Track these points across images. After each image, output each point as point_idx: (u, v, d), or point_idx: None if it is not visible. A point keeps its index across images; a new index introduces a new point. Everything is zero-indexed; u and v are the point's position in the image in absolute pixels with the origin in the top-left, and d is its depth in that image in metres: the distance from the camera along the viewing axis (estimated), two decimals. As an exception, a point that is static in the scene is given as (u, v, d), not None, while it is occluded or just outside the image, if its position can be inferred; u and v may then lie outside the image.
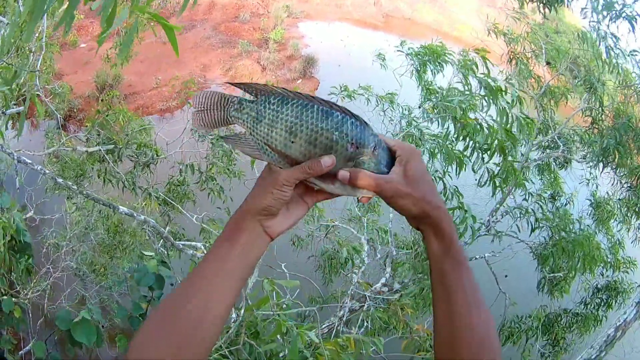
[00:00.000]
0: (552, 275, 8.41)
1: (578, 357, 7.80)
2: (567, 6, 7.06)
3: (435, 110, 6.75)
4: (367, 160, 1.40)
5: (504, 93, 6.22)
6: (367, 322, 5.77)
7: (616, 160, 8.27)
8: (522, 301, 9.00)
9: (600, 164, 8.57)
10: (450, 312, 1.42)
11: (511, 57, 9.34)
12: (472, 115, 6.32)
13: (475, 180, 6.64)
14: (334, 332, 5.68)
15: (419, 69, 7.22)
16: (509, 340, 8.47)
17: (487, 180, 6.53)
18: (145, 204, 9.57)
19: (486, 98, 6.19)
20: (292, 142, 1.41)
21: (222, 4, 36.88)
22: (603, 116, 8.73)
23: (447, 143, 6.39)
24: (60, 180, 5.84)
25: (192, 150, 10.29)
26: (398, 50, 7.44)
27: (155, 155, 8.88)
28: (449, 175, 6.67)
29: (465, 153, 6.31)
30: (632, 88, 8.68)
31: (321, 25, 37.83)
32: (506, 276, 8.68)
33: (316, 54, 31.31)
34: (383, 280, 6.69)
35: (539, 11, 7.41)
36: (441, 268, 1.43)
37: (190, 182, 9.38)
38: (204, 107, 1.51)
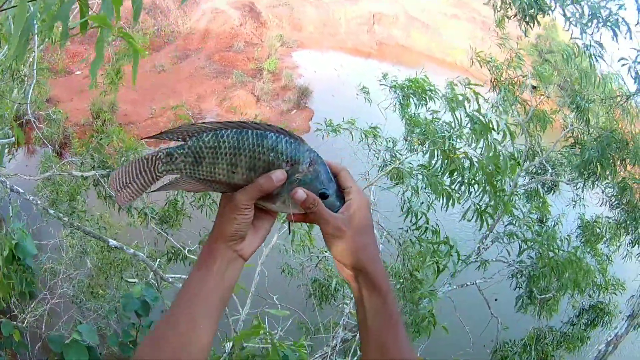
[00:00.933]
0: (542, 296, 8.43)
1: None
2: (550, 17, 7.06)
3: (419, 142, 6.78)
4: (302, 177, 1.44)
5: (493, 130, 6.21)
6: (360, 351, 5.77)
7: (598, 172, 8.28)
8: (511, 321, 9.01)
9: (582, 181, 8.57)
10: None
11: (495, 84, 9.33)
12: (460, 149, 6.33)
13: (463, 208, 6.64)
14: (325, 361, 5.71)
15: (402, 102, 7.29)
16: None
17: (473, 215, 6.52)
18: (141, 223, 9.62)
19: (474, 134, 6.16)
20: (234, 172, 1.45)
21: (216, 32, 37.03)
22: (587, 135, 8.74)
23: (434, 176, 6.38)
24: (51, 211, 5.88)
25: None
26: (381, 84, 7.48)
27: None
28: (433, 208, 6.72)
29: (453, 187, 6.31)
30: (616, 100, 8.67)
31: (315, 54, 38.00)
32: (496, 299, 8.69)
33: (310, 84, 31.42)
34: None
35: (520, 29, 7.41)
36: (376, 325, 1.46)
37: (185, 201, 9.38)
38: (126, 182, 1.49)
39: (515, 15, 7.25)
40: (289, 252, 9.16)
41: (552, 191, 9.58)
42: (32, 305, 10.04)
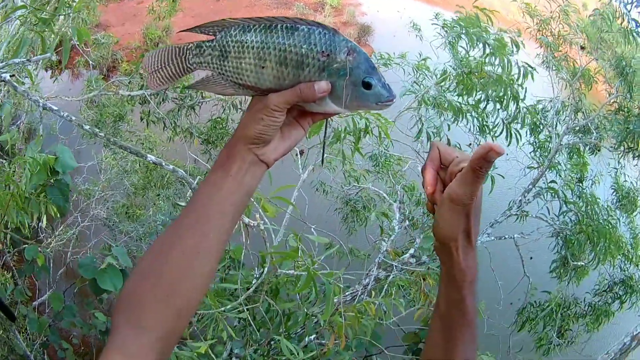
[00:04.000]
0: (575, 263, 8.32)
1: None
2: None
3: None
4: (341, 66, 1.34)
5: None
6: (391, 292, 5.72)
7: (639, 148, 8.13)
8: (543, 282, 8.89)
9: (623, 150, 8.42)
10: (464, 342, 1.42)
11: (540, 40, 9.19)
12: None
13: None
14: (356, 300, 5.65)
15: (452, 42, 7.17)
16: (526, 325, 8.39)
17: (501, 130, 6.56)
18: (185, 142, 9.68)
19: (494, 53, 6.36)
20: (263, 67, 1.38)
21: (281, -37, 36.69)
22: (631, 102, 8.56)
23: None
24: (87, 127, 5.83)
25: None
26: (433, 24, 7.39)
27: (201, 97, 8.87)
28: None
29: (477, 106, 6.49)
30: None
31: (379, -6, 37.60)
32: (531, 258, 8.58)
33: (372, 23, 31.18)
34: (412, 251, 6.61)
35: None
36: (465, 293, 1.38)
37: (233, 121, 9.31)
38: (158, 66, 1.48)
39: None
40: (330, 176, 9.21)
41: (594, 153, 9.41)
42: (60, 229, 10.06)
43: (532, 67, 6.67)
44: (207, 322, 4.06)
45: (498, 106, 6.51)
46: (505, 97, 6.32)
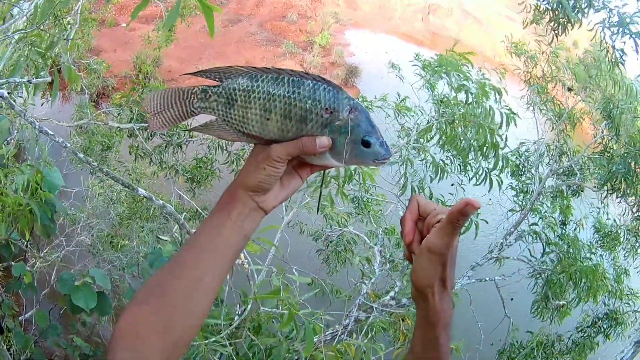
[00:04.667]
0: (556, 302, 8.36)
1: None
2: (579, 26, 7.01)
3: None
4: (343, 124, 1.38)
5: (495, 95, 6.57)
6: (371, 333, 5.76)
7: (622, 188, 8.19)
8: (524, 322, 8.93)
9: (606, 191, 8.48)
10: None
11: (528, 78, 9.25)
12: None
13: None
14: (336, 340, 5.68)
15: (432, 82, 7.22)
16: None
17: (483, 177, 6.69)
18: (170, 178, 9.66)
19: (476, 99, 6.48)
20: (268, 119, 1.41)
21: (270, 1, 36.84)
22: (616, 143, 8.61)
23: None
24: (80, 155, 5.86)
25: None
26: (414, 65, 7.45)
27: (189, 136, 8.89)
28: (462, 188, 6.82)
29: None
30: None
31: (367, 35, 37.71)
32: (512, 299, 8.62)
33: (360, 64, 31.26)
34: (392, 294, 6.67)
35: (554, 32, 7.34)
36: (439, 332, 1.44)
37: (218, 162, 9.31)
38: (160, 108, 1.50)
39: (549, 21, 7.19)
40: (312, 219, 9.23)
41: (577, 194, 9.48)
42: (45, 250, 10.05)
43: (514, 113, 6.74)
44: (191, 356, 4.10)
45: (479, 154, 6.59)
46: (486, 146, 6.40)
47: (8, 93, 5.07)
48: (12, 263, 6.29)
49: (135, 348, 1.33)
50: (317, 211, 6.58)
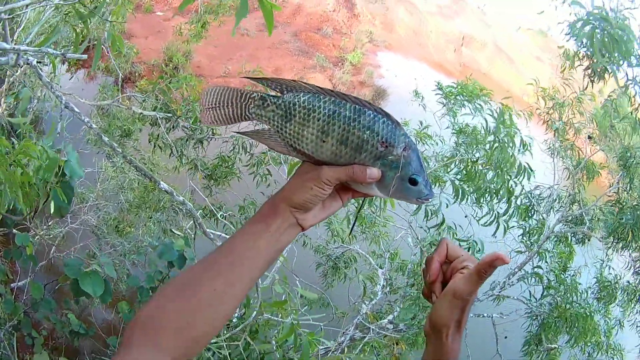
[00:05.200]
0: (548, 346, 8.34)
1: None
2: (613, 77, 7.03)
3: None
4: (395, 159, 1.40)
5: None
6: (364, 353, 5.77)
7: (628, 239, 8.17)
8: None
9: (612, 241, 8.44)
10: None
11: (547, 122, 9.22)
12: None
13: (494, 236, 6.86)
14: (328, 355, 5.69)
15: (453, 110, 7.37)
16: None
17: (492, 220, 6.77)
18: (188, 173, 9.56)
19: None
20: (324, 141, 1.41)
21: (307, 12, 36.98)
22: (629, 195, 8.58)
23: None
24: (105, 138, 5.83)
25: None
26: (436, 94, 7.51)
27: (211, 133, 8.85)
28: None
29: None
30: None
31: (400, 59, 37.79)
32: (506, 337, 8.60)
33: (388, 87, 31.23)
34: (390, 318, 6.68)
35: (589, 79, 7.35)
36: None
37: (240, 161, 9.25)
38: (216, 104, 1.50)
39: (586, 69, 7.20)
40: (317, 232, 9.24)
41: (583, 243, 9.44)
42: (49, 223, 10.05)
43: (531, 170, 6.81)
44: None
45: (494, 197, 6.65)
46: (502, 191, 6.47)
47: (38, 62, 5.03)
48: (15, 231, 6.30)
49: (154, 340, 1.34)
50: (350, 233, 6.62)
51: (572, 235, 8.97)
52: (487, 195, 6.58)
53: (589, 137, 9.62)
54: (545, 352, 8.34)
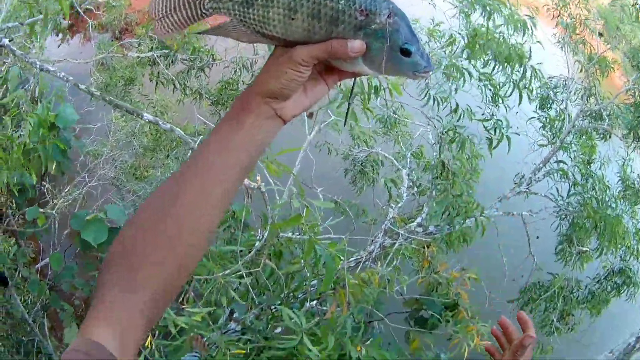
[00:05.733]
0: (579, 248, 8.25)
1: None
2: None
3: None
4: (380, 28, 1.22)
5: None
6: (396, 260, 5.68)
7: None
8: (548, 264, 8.80)
9: (633, 139, 8.35)
10: None
11: (557, 17, 9.12)
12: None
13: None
14: (360, 266, 5.61)
15: (466, 11, 7.16)
16: (528, 306, 8.36)
17: (512, 89, 6.76)
18: (195, 103, 9.56)
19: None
20: (292, 19, 1.23)
21: None
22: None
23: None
24: (82, 86, 5.76)
25: (251, 55, 9.78)
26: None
27: (212, 59, 8.73)
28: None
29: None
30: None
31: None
32: (537, 237, 8.48)
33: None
34: (419, 220, 6.58)
35: None
36: None
37: (243, 83, 9.19)
38: (167, 11, 1.33)
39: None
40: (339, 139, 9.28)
41: (605, 139, 9.32)
42: (66, 189, 9.98)
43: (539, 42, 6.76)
44: (208, 286, 4.02)
45: (507, 68, 6.57)
46: (512, 59, 6.39)
47: (9, 40, 4.98)
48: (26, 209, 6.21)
49: (128, 277, 1.19)
50: (345, 124, 6.33)
51: (594, 130, 8.84)
52: (496, 63, 6.51)
53: (600, 35, 9.51)
54: (577, 254, 8.24)
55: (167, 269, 1.21)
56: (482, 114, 6.98)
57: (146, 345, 5.05)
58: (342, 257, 4.07)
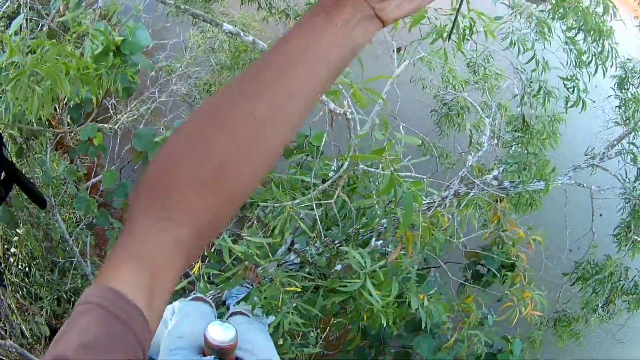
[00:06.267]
0: (635, 237, 8.09)
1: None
2: None
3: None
4: None
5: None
6: (467, 210, 5.61)
7: None
8: (604, 245, 8.69)
9: None
10: None
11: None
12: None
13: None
14: (432, 211, 5.55)
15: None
16: (577, 283, 8.26)
17: (590, 60, 6.74)
18: (280, 23, 9.41)
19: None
20: None
21: None
22: None
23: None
24: None
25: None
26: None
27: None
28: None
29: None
30: None
31: None
32: (601, 215, 8.37)
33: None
34: (495, 173, 6.52)
35: None
36: None
37: None
38: None
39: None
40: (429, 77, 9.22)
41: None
42: (133, 104, 9.92)
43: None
44: (275, 214, 3.94)
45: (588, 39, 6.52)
46: (593, 30, 6.33)
47: None
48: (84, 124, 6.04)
49: (166, 206, 1.00)
50: (448, 39, 6.06)
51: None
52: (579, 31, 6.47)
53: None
54: (632, 242, 8.13)
55: (215, 198, 1.01)
56: (566, 77, 6.93)
57: (193, 271, 5.06)
58: (424, 198, 3.99)
